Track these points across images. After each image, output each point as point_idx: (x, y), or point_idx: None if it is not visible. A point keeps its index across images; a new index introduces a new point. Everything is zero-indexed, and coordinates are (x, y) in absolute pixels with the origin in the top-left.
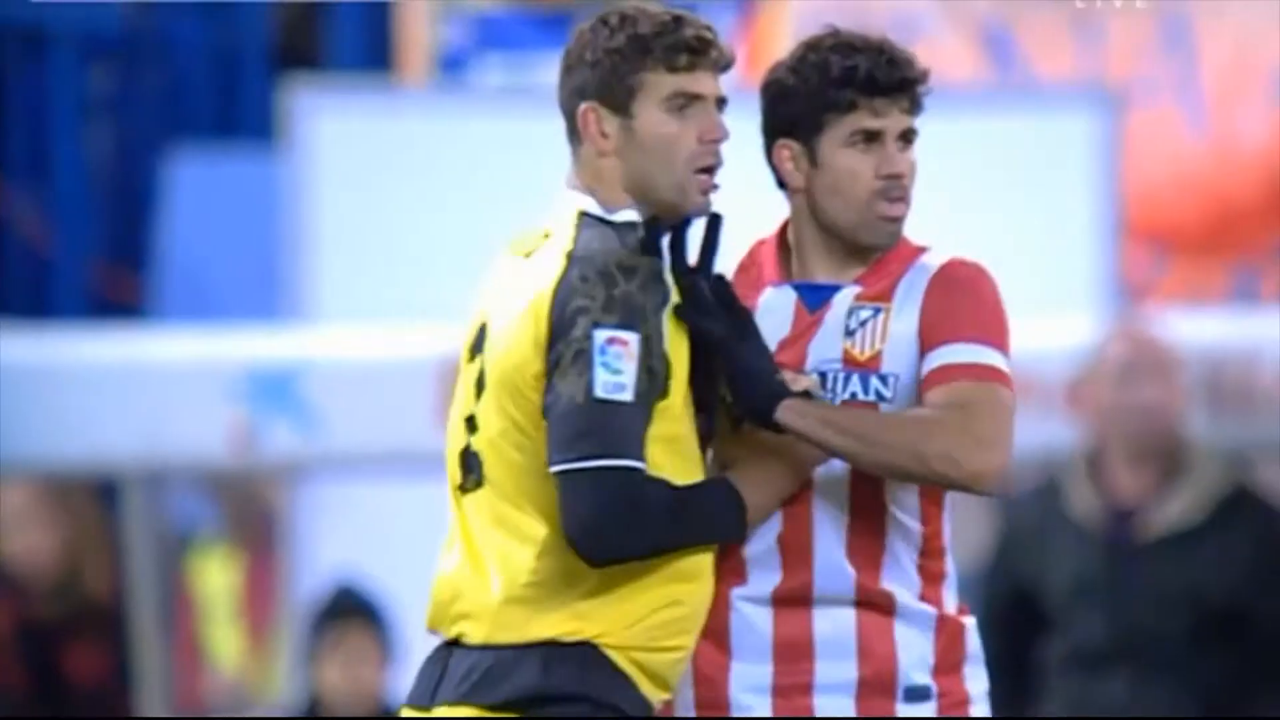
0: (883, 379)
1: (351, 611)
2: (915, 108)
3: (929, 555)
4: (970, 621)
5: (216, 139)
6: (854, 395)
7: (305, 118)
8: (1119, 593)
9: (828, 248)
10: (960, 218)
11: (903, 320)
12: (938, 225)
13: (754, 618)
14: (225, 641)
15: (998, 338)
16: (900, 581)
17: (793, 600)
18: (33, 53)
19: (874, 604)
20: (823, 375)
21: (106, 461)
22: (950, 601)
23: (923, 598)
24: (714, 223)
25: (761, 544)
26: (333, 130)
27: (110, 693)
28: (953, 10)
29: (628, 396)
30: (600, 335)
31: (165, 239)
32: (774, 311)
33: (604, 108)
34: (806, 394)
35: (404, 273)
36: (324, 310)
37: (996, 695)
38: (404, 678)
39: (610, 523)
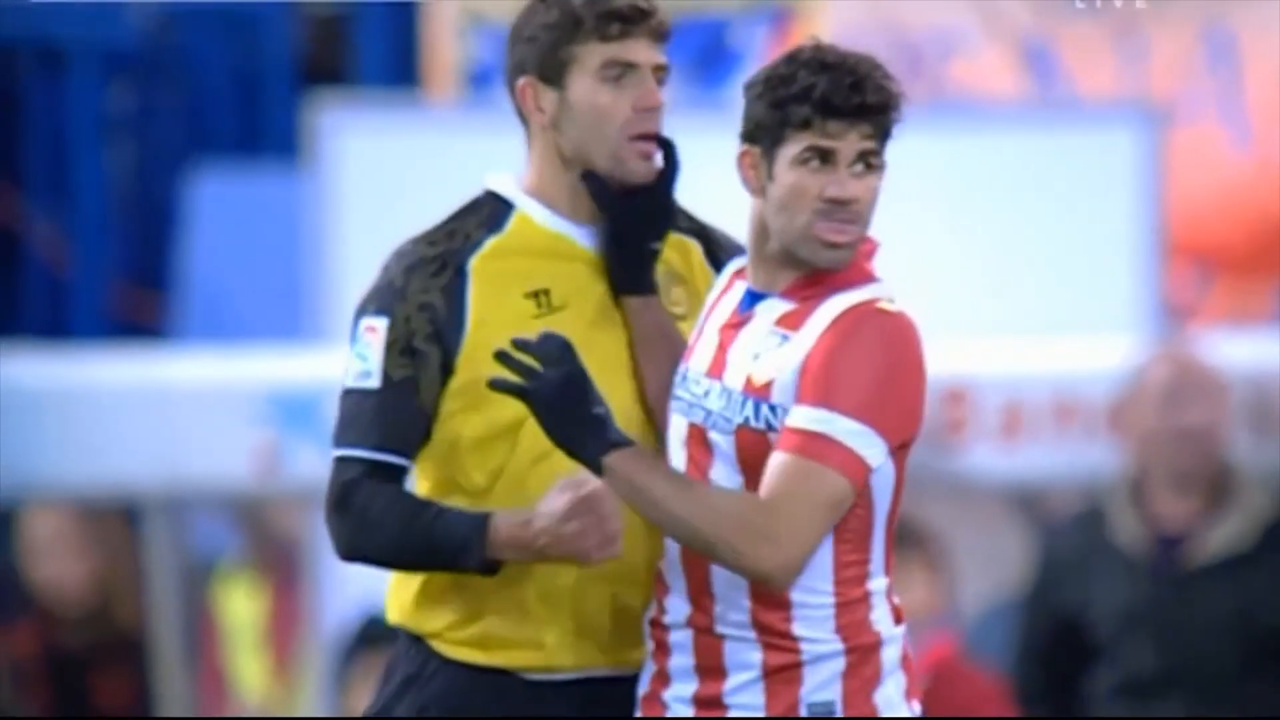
0: (772, 409)
1: (382, 639)
2: (879, 133)
3: (846, 585)
4: (892, 634)
5: (239, 156)
6: (746, 420)
7: (329, 134)
8: (1168, 621)
9: (769, 254)
10: (1000, 235)
11: (796, 355)
12: (976, 243)
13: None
14: (250, 669)
15: (873, 410)
16: (810, 626)
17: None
18: (52, 69)
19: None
20: (729, 396)
21: (127, 487)
22: (875, 622)
23: (838, 629)
24: (669, 149)
25: (680, 635)
26: (358, 147)
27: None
28: (993, 25)
29: (373, 384)
30: (360, 324)
31: (187, 258)
32: (726, 304)
33: (540, 82)
34: (619, 449)
35: None
36: (348, 331)
37: None
38: None
39: (328, 516)
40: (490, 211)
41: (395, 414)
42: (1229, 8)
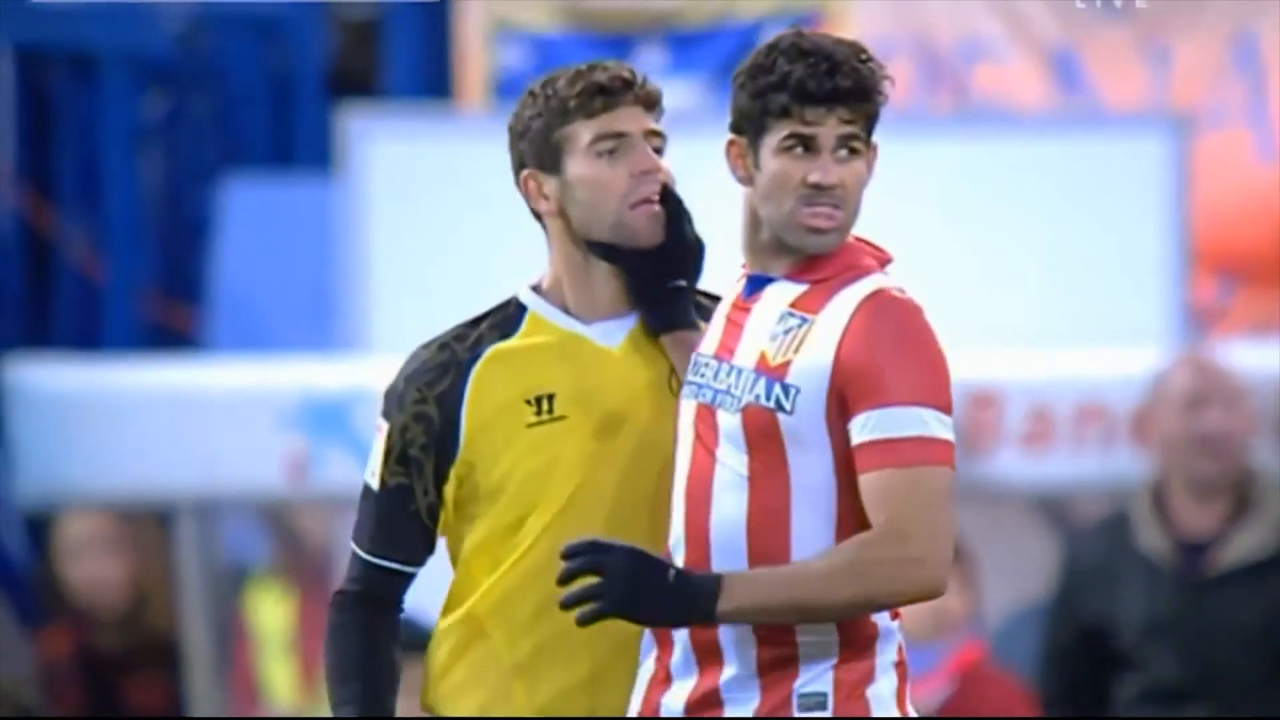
0: (785, 389)
1: (412, 645)
2: (861, 118)
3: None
4: (889, 627)
5: (271, 165)
6: (756, 398)
7: (360, 143)
8: (1193, 628)
9: (764, 241)
10: (1025, 242)
11: (821, 340)
12: (1001, 250)
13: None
14: (279, 675)
15: (933, 392)
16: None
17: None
18: (83, 77)
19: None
20: (739, 374)
21: (160, 493)
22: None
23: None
24: (672, 200)
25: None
26: (388, 156)
27: None
28: (1019, 33)
29: (374, 485)
30: (377, 419)
31: (218, 267)
32: (733, 291)
33: (540, 172)
34: (717, 586)
35: (460, 300)
36: (379, 339)
37: None
38: None
39: (335, 594)
40: (507, 314)
41: (390, 521)
42: (1255, 12)
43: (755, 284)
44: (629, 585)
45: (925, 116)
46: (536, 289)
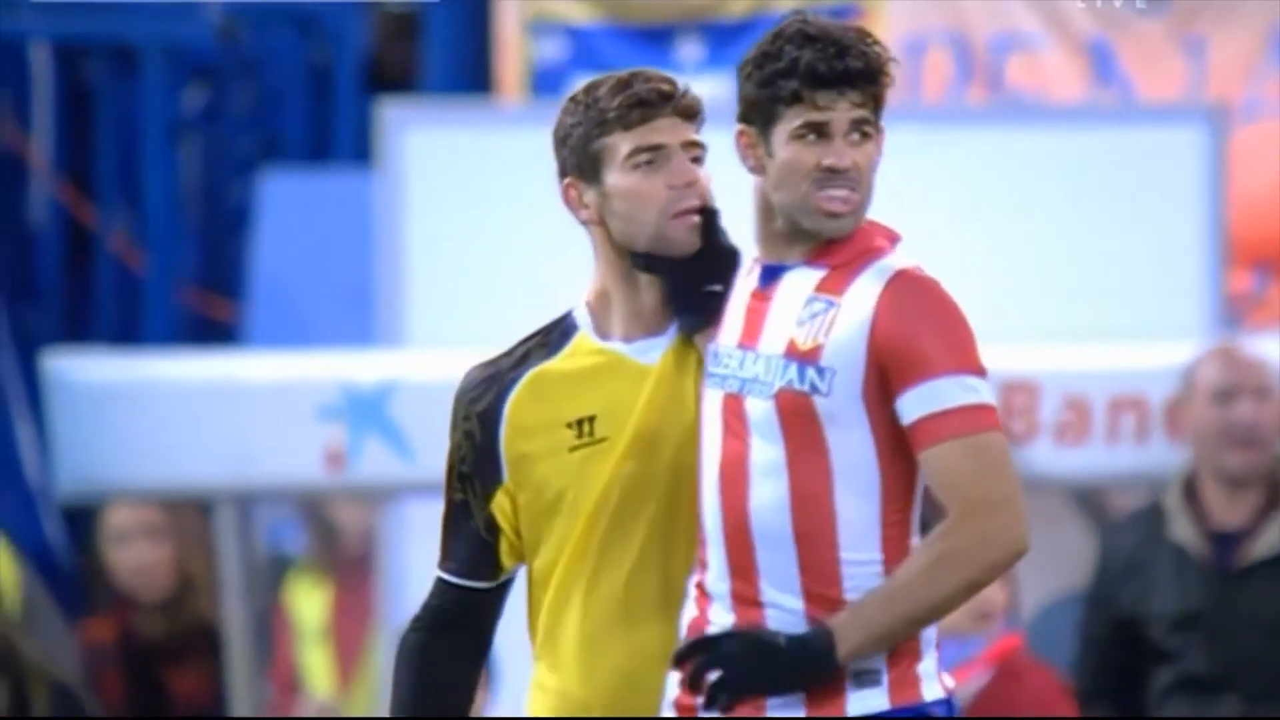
0: (819, 371)
1: None
2: (871, 101)
3: (891, 544)
4: None
5: (309, 158)
6: (789, 383)
7: (398, 135)
8: (1224, 620)
9: (777, 229)
10: (1060, 235)
11: (852, 320)
12: (1036, 242)
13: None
14: (318, 667)
15: (970, 358)
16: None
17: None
18: (123, 70)
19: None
20: (768, 361)
21: (199, 484)
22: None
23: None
24: (708, 210)
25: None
26: (426, 148)
27: (209, 714)
28: (1054, 25)
29: (444, 501)
30: None
31: (257, 260)
32: (746, 283)
33: (580, 181)
34: (829, 632)
35: (497, 293)
36: (416, 331)
37: None
38: (500, 698)
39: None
40: (558, 332)
41: (458, 537)
42: None
43: (771, 273)
44: (748, 668)
45: (960, 109)
46: (588, 304)
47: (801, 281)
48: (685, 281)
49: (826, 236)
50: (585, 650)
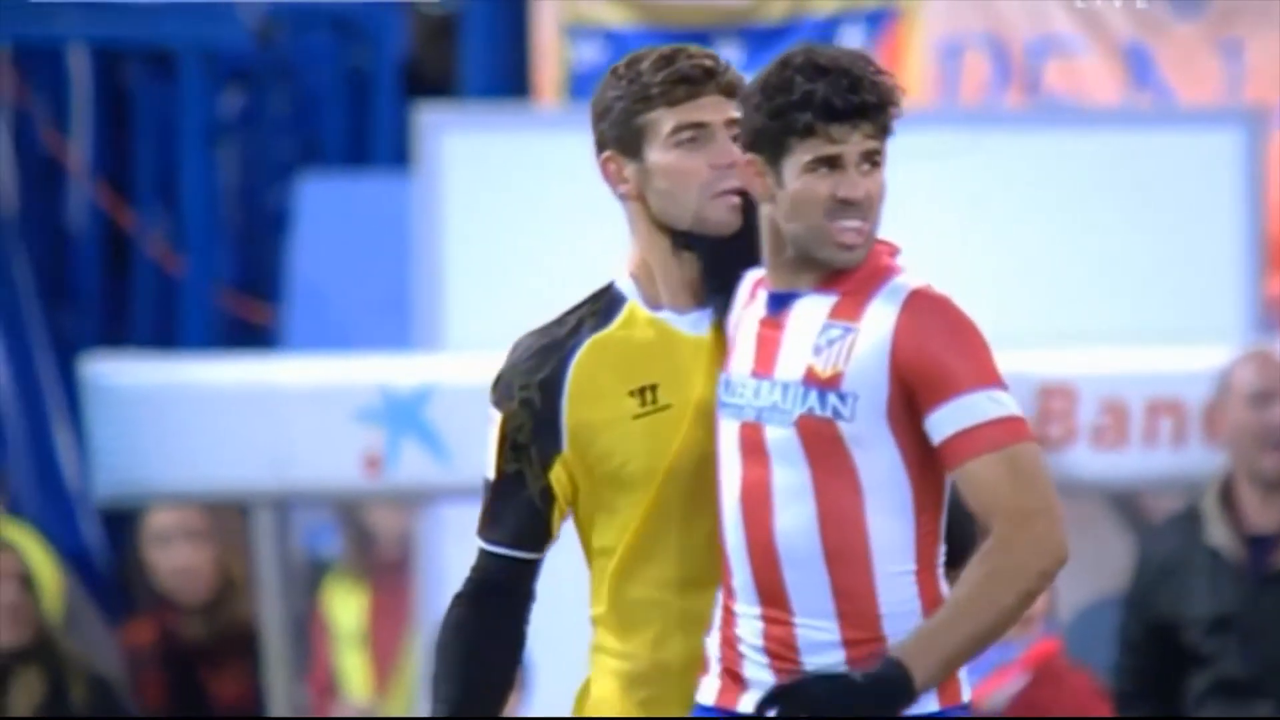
0: (841, 397)
1: None
2: (880, 131)
3: (923, 553)
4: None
5: (347, 162)
6: (810, 410)
7: (436, 139)
8: (1259, 623)
9: (789, 257)
10: (1098, 237)
11: (871, 344)
12: (1075, 244)
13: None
14: (355, 670)
15: (993, 372)
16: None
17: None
18: (161, 73)
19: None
20: (785, 389)
21: (237, 488)
22: (943, 590)
23: (919, 595)
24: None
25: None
26: (464, 152)
27: (248, 717)
28: (1092, 29)
29: (491, 475)
30: (488, 412)
31: (295, 263)
32: (753, 311)
33: (621, 155)
34: (899, 663)
35: (536, 296)
36: (454, 335)
37: None
38: (534, 701)
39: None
40: (606, 303)
41: (508, 508)
42: None
43: (780, 300)
44: (831, 709)
45: (998, 112)
46: (632, 275)
47: (814, 308)
48: (722, 261)
49: (839, 266)
50: (653, 617)
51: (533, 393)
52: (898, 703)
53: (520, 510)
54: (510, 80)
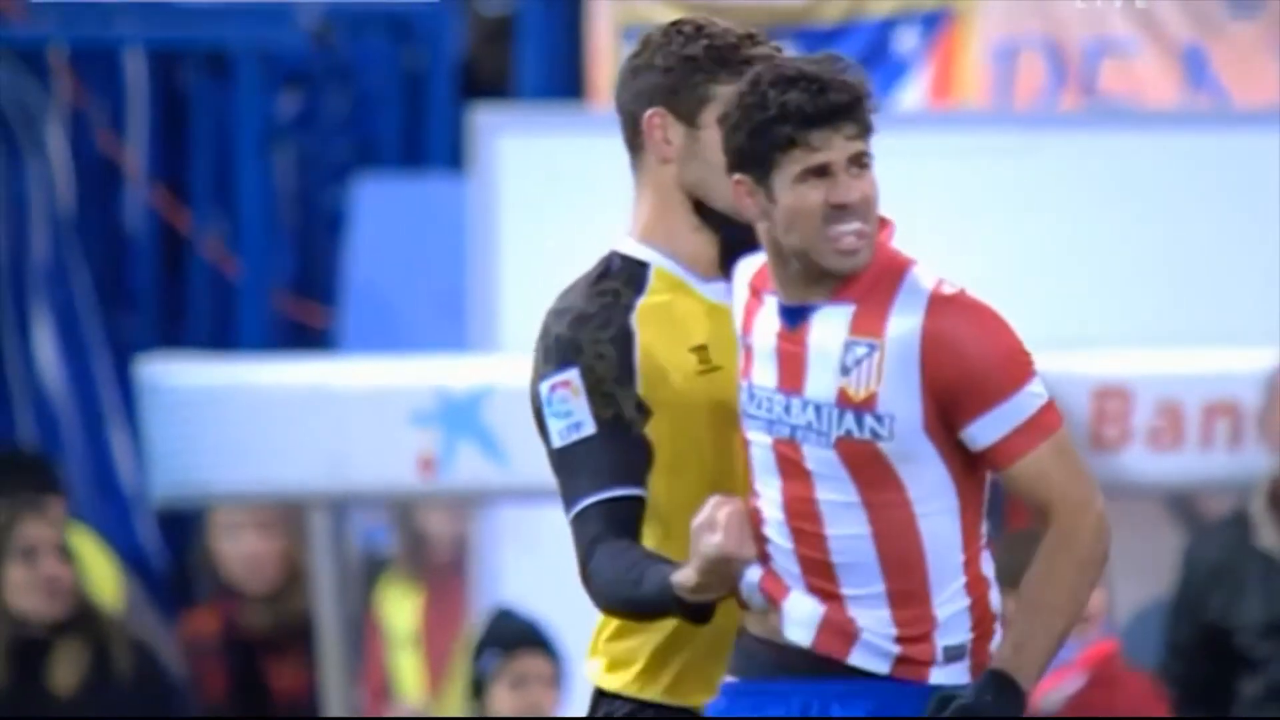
0: (878, 419)
1: (528, 639)
2: (862, 130)
3: (970, 545)
4: (994, 581)
5: (402, 164)
6: (849, 433)
7: (491, 141)
8: None
9: (795, 271)
10: (1154, 238)
11: (900, 360)
12: (1131, 245)
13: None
14: (409, 671)
15: (1025, 363)
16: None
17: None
18: (217, 75)
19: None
20: (819, 410)
21: (293, 489)
22: (986, 573)
23: (966, 585)
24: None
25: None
26: (519, 154)
27: (308, 710)
28: (1147, 30)
29: (589, 430)
30: (544, 388)
31: (350, 265)
32: (766, 321)
33: (671, 115)
34: (1005, 676)
35: None
36: (509, 337)
37: None
38: (570, 699)
39: (580, 570)
40: (629, 274)
41: (616, 450)
42: None
43: (795, 314)
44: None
45: (1053, 114)
46: (647, 242)
47: (833, 322)
48: (742, 244)
49: (844, 273)
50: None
51: (605, 348)
52: (1014, 706)
53: (629, 448)
54: (565, 81)
